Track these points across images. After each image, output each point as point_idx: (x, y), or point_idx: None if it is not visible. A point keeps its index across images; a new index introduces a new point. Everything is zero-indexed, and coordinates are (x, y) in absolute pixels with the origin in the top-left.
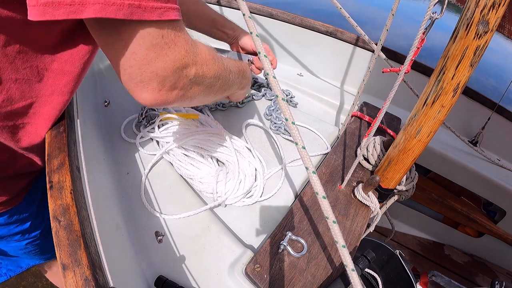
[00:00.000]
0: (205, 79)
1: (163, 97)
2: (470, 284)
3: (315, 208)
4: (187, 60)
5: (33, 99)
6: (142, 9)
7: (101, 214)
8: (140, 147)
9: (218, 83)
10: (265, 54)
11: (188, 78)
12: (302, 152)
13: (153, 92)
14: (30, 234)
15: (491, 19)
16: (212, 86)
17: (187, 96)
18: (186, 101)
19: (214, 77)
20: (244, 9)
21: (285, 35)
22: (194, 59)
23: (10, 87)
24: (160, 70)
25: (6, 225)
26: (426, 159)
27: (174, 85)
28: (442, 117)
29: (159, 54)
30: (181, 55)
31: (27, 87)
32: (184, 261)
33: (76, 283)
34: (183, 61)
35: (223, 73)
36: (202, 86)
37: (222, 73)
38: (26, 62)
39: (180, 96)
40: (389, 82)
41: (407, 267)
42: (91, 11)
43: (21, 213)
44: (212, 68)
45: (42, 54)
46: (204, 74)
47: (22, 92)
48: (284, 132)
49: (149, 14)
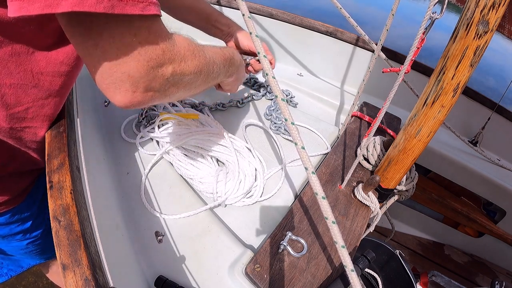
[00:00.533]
0: (184, 77)
1: (137, 99)
2: (470, 284)
3: (315, 208)
4: (163, 59)
5: (30, 104)
6: (124, 2)
7: (101, 214)
8: (140, 147)
9: (199, 78)
10: (264, 54)
11: (164, 77)
12: (301, 152)
13: (126, 93)
14: (31, 234)
15: (491, 19)
16: (193, 82)
17: (165, 95)
18: (165, 99)
19: (195, 73)
20: (244, 9)
21: (285, 35)
22: (171, 57)
23: (5, 93)
24: (132, 70)
25: (7, 224)
26: (426, 159)
27: (149, 86)
28: (442, 117)
29: (131, 53)
30: (156, 54)
31: (22, 92)
32: (184, 261)
33: (76, 283)
34: (158, 60)
35: (205, 67)
36: (182, 84)
37: (204, 67)
38: (20, 66)
39: (157, 96)
40: (389, 82)
41: (407, 267)
42: (67, 4)
43: (22, 213)
44: (191, 64)
45: (36, 56)
46: (182, 71)
47: (17, 97)
48: (284, 132)
49: (131, 8)
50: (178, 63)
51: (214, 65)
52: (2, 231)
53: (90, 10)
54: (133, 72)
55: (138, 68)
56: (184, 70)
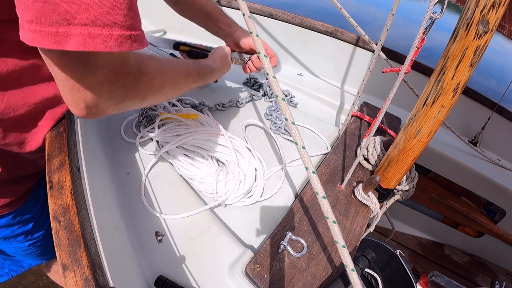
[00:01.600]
0: (136, 105)
1: (92, 115)
2: (470, 284)
3: (315, 208)
4: (120, 94)
5: (36, 105)
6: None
7: (101, 214)
8: (140, 147)
9: (154, 101)
10: (265, 54)
11: (117, 107)
12: (302, 152)
13: (81, 111)
14: (33, 235)
15: (491, 19)
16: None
17: (121, 110)
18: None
19: (148, 101)
20: (244, 9)
21: (285, 35)
22: (126, 95)
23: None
24: (88, 98)
25: (9, 226)
26: (426, 159)
27: (102, 110)
28: (442, 117)
29: (89, 85)
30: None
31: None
32: (184, 261)
33: (76, 283)
34: (117, 95)
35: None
36: (136, 105)
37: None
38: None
39: (111, 112)
40: (389, 82)
41: (407, 267)
42: (74, 43)
43: (24, 214)
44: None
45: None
46: (134, 103)
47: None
48: (284, 132)
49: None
50: (132, 98)
51: (174, 87)
52: (3, 233)
53: (95, 49)
54: (89, 100)
55: (95, 98)
56: (135, 102)
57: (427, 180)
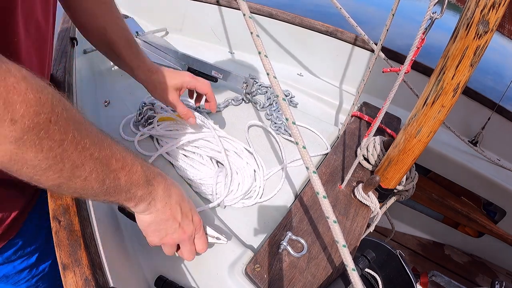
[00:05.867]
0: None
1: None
2: (470, 284)
3: (315, 208)
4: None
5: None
6: None
7: (101, 214)
8: (138, 146)
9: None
10: (265, 54)
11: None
12: (302, 151)
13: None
14: (38, 268)
15: (491, 19)
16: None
17: None
18: None
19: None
20: (244, 9)
21: (285, 35)
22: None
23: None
24: None
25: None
26: (426, 159)
27: None
28: (442, 117)
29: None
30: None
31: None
32: (184, 261)
33: (76, 283)
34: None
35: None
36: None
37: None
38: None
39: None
40: (389, 82)
41: (407, 267)
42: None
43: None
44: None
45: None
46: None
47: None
48: (284, 132)
49: None
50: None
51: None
52: (4, 270)
53: None
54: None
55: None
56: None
57: (427, 180)
